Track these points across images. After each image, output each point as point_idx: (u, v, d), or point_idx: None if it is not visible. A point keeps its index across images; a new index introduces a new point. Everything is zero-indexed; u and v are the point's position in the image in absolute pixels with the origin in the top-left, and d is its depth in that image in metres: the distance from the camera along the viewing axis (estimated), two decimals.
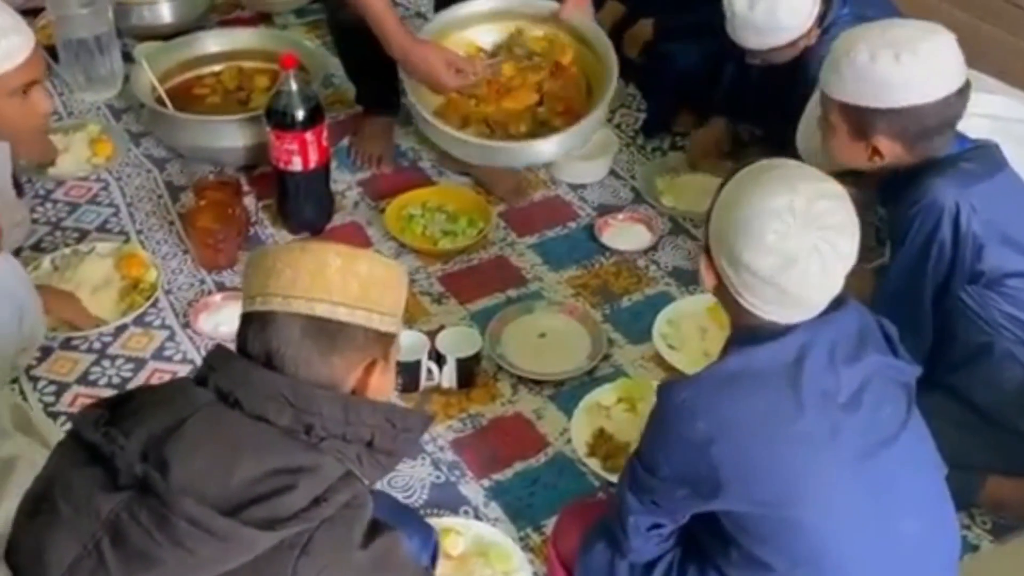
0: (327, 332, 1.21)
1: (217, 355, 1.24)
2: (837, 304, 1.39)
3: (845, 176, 1.68)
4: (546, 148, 2.41)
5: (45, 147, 2.58)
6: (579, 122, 2.38)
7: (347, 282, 1.21)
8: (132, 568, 1.08)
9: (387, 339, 1.26)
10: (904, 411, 1.41)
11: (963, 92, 1.75)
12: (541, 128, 2.45)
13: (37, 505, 1.15)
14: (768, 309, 1.36)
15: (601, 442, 2.01)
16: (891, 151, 1.77)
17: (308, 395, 1.18)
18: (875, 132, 1.76)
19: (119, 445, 1.13)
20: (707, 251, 1.41)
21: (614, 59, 2.45)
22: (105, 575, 1.08)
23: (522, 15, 2.54)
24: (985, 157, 1.82)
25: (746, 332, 1.40)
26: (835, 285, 1.35)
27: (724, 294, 1.41)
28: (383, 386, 1.27)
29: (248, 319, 1.24)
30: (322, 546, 1.10)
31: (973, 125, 1.89)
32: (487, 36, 2.55)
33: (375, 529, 1.16)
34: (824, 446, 1.34)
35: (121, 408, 1.21)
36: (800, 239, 1.29)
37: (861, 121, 1.77)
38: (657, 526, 1.47)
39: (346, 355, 1.22)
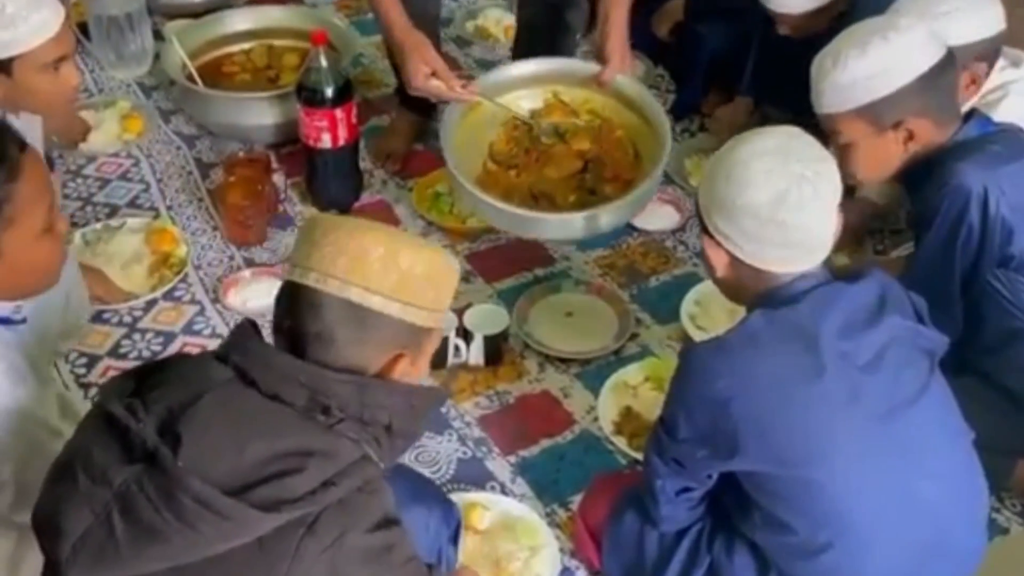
0: (356, 318, 1.19)
1: (239, 333, 1.23)
2: (856, 277, 1.43)
3: None
4: (603, 219, 2.14)
5: (74, 122, 2.60)
6: (632, 191, 2.15)
7: (386, 272, 1.19)
8: (139, 542, 1.08)
9: (422, 333, 1.24)
10: (925, 375, 1.44)
11: (947, 59, 1.73)
12: (590, 197, 2.25)
13: (60, 473, 1.16)
14: (776, 255, 1.41)
15: (628, 420, 2.01)
16: (922, 129, 1.74)
17: (323, 377, 1.16)
18: (901, 116, 1.73)
19: (138, 418, 1.13)
20: (707, 233, 1.47)
21: (665, 122, 2.25)
22: (114, 547, 1.09)
23: (562, 78, 2.35)
24: (1012, 140, 1.81)
25: (764, 299, 1.43)
26: (831, 214, 1.42)
27: (733, 270, 1.46)
28: (410, 377, 1.25)
29: (287, 287, 1.23)
30: (328, 527, 1.09)
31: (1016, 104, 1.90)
32: (525, 103, 2.35)
33: (385, 523, 1.15)
34: (843, 407, 1.37)
35: (150, 379, 1.21)
36: (785, 171, 1.39)
37: (881, 115, 1.73)
38: (686, 490, 1.49)
39: (372, 344, 1.20)
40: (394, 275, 1.19)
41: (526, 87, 2.35)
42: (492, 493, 1.89)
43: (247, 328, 1.23)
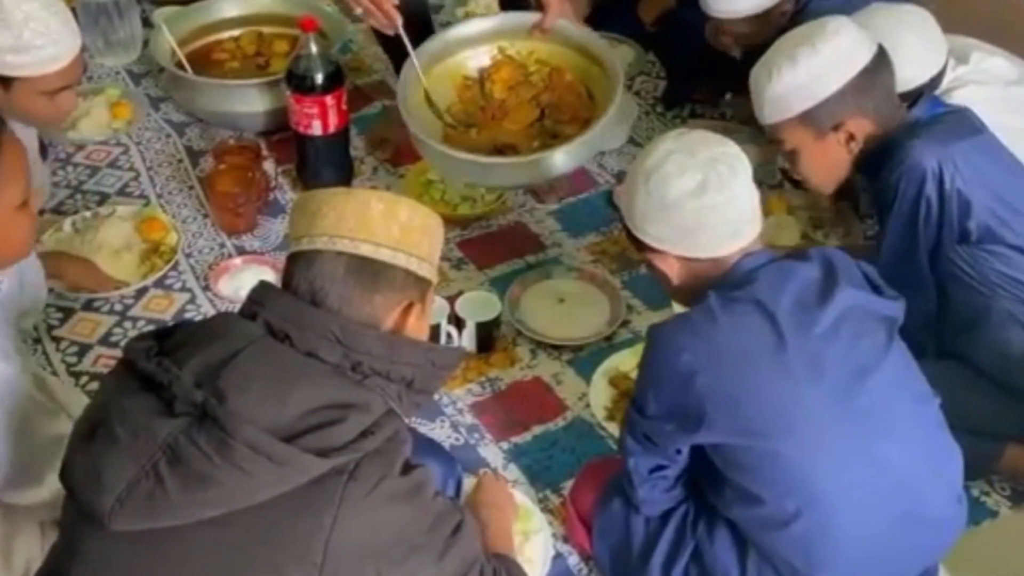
0: (369, 271, 1.27)
1: (264, 292, 1.28)
2: (803, 256, 1.49)
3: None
4: (557, 159, 2.19)
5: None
6: (591, 127, 2.21)
7: (388, 225, 1.29)
8: (190, 489, 1.11)
9: (424, 284, 1.33)
10: (883, 342, 1.46)
11: (880, 57, 1.79)
12: (553, 140, 2.29)
13: (94, 430, 1.19)
14: (720, 235, 1.46)
15: (620, 407, 2.01)
16: (861, 128, 1.80)
17: (355, 333, 1.24)
18: (840, 119, 1.79)
19: (174, 375, 1.17)
20: (650, 251, 1.52)
21: (613, 59, 2.31)
22: (163, 495, 1.12)
23: (506, 33, 2.39)
24: (961, 121, 1.84)
25: (717, 286, 1.46)
26: (751, 184, 1.48)
27: (687, 271, 1.50)
28: (419, 330, 1.33)
29: (294, 259, 1.29)
30: (368, 472, 1.16)
31: (970, 95, 1.92)
32: (473, 62, 2.40)
33: (411, 465, 1.24)
34: (804, 378, 1.40)
35: (168, 340, 1.25)
36: (695, 162, 1.46)
37: (819, 119, 1.79)
38: (659, 468, 1.51)
39: (386, 295, 1.28)
40: (396, 228, 1.29)
41: (471, 47, 2.40)
42: None
43: (271, 286, 1.29)
